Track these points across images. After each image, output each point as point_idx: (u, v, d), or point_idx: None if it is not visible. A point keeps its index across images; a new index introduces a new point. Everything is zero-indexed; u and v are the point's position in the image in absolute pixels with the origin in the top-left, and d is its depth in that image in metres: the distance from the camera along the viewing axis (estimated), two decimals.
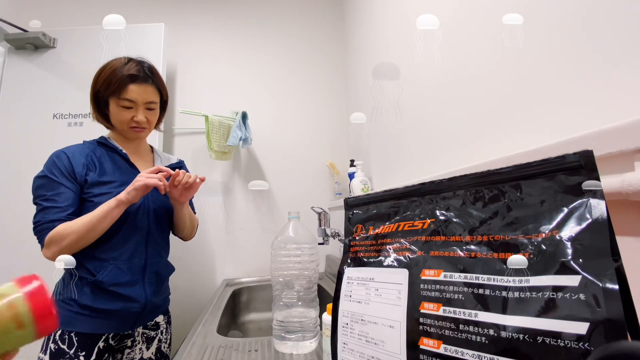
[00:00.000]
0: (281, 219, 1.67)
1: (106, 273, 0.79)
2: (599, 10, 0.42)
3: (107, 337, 0.81)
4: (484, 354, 0.29)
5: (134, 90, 0.83)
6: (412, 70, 0.97)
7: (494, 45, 0.62)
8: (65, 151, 0.84)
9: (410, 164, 0.99)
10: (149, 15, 1.69)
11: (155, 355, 0.90)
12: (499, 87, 0.61)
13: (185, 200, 0.90)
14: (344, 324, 0.43)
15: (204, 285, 1.57)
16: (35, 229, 0.77)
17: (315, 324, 0.72)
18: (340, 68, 1.82)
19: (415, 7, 0.95)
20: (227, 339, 0.81)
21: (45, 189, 0.78)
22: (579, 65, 0.45)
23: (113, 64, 0.84)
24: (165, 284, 0.95)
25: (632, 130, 0.33)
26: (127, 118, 0.85)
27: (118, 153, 0.89)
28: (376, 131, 1.30)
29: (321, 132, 1.76)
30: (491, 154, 0.60)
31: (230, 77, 1.73)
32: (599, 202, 0.27)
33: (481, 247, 0.33)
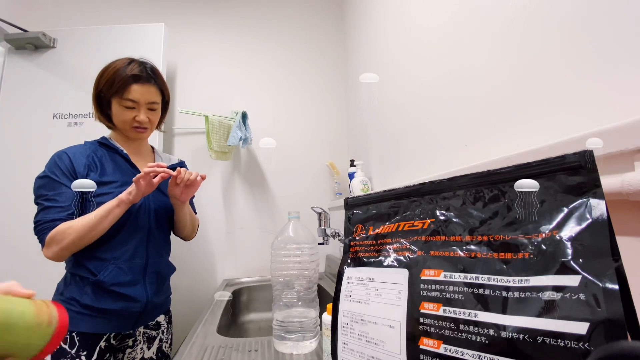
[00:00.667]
0: (281, 219, 1.67)
1: (107, 273, 0.79)
2: (599, 10, 0.42)
3: (109, 337, 0.81)
4: (484, 354, 0.29)
5: (137, 91, 0.83)
6: (412, 70, 0.97)
7: (493, 45, 0.62)
8: (66, 151, 0.84)
9: (410, 164, 0.99)
10: (149, 15, 1.69)
11: (157, 355, 0.90)
12: (498, 87, 0.61)
13: (186, 199, 0.90)
14: (344, 324, 0.43)
15: (204, 285, 1.57)
16: (35, 229, 0.77)
17: (315, 324, 0.72)
18: (340, 68, 1.82)
19: (415, 7, 0.95)
20: (227, 339, 0.81)
21: (46, 189, 0.79)
22: (579, 65, 0.45)
23: (116, 65, 0.85)
24: (166, 283, 0.95)
25: (632, 130, 0.33)
26: (129, 118, 0.85)
27: (119, 153, 0.89)
28: (376, 131, 1.30)
29: (321, 132, 1.76)
30: (491, 154, 0.60)
31: (230, 77, 1.73)
32: (599, 202, 0.27)
33: (481, 247, 0.33)
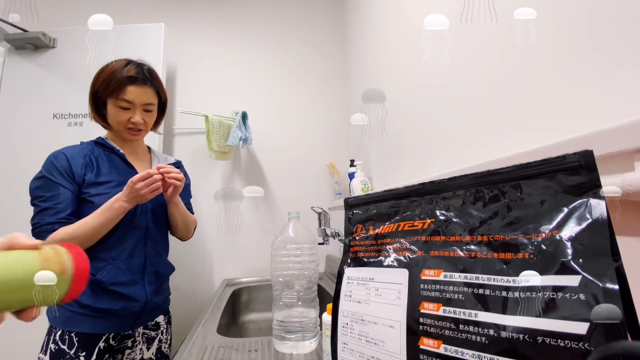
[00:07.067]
0: (281, 219, 1.67)
1: (106, 272, 0.79)
2: (600, 10, 0.42)
3: (108, 337, 0.81)
4: (484, 354, 0.29)
5: (132, 92, 0.83)
6: (412, 70, 0.97)
7: (494, 45, 0.62)
8: (63, 152, 0.84)
9: (410, 164, 0.99)
10: (149, 15, 1.69)
11: (156, 355, 0.90)
12: (499, 87, 0.61)
13: (170, 198, 0.89)
14: (344, 324, 0.43)
15: (203, 286, 1.57)
16: (33, 231, 0.77)
17: (315, 324, 0.72)
18: (340, 68, 1.82)
19: (415, 7, 0.95)
20: (227, 339, 0.81)
21: (43, 190, 0.78)
22: (579, 65, 0.45)
23: (113, 65, 0.85)
24: (165, 283, 0.95)
25: (632, 130, 0.33)
26: (124, 119, 0.85)
27: (116, 153, 0.89)
28: (376, 131, 1.30)
29: (321, 132, 1.76)
30: (491, 154, 0.60)
31: (230, 77, 1.73)
32: (599, 202, 0.27)
33: (481, 247, 0.33)
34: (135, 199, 0.79)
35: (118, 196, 0.79)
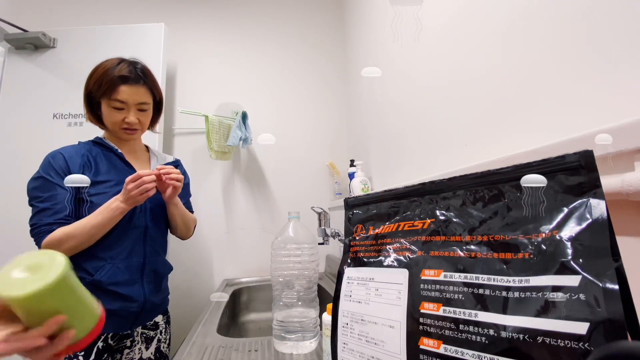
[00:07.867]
0: (281, 219, 1.67)
1: (104, 272, 0.79)
2: (599, 10, 0.42)
3: (106, 337, 0.81)
4: (484, 354, 0.29)
5: (125, 92, 0.82)
6: (412, 70, 0.97)
7: (493, 45, 0.62)
8: (61, 151, 0.83)
9: (410, 164, 0.99)
10: (149, 15, 1.69)
11: (155, 355, 0.90)
12: (498, 87, 0.61)
13: (169, 199, 0.88)
14: (344, 324, 0.43)
15: (203, 285, 1.57)
16: (32, 232, 0.77)
17: (315, 324, 0.72)
18: (340, 68, 1.82)
19: (415, 7, 0.95)
20: (227, 339, 0.81)
21: (41, 190, 0.78)
22: (579, 65, 0.45)
23: (105, 65, 0.84)
24: (163, 283, 0.95)
25: (631, 130, 0.33)
26: (118, 119, 0.84)
27: (114, 152, 0.89)
28: (376, 131, 1.30)
29: (321, 132, 1.76)
30: (491, 154, 0.60)
31: (230, 77, 1.73)
32: (599, 202, 0.27)
33: (481, 247, 0.33)
34: (130, 200, 0.79)
35: (116, 197, 0.79)
